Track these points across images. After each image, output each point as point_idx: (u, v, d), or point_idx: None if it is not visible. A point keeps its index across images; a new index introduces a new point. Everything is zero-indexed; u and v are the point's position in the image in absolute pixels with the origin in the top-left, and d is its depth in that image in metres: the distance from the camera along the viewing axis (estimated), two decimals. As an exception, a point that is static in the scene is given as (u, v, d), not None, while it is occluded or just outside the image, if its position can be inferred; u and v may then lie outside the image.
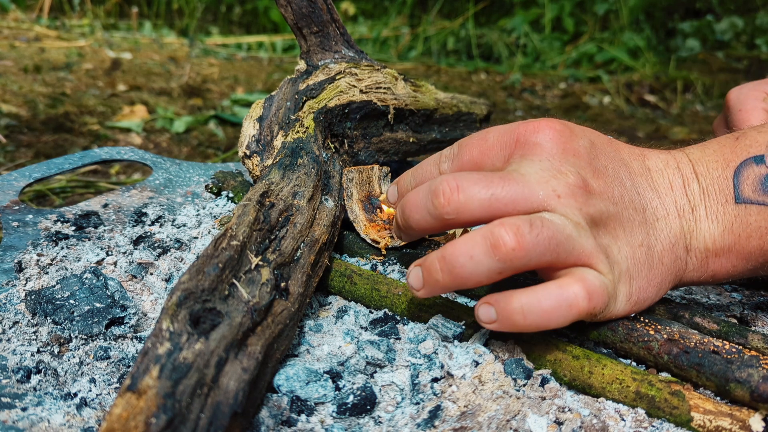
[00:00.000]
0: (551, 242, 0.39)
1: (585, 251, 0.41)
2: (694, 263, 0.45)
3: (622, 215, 0.43)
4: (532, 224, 0.39)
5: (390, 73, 0.68)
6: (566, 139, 0.43)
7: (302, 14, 0.67)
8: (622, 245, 0.43)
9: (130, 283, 0.54)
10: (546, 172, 0.42)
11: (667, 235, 0.44)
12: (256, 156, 0.60)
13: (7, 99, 1.76)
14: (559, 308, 0.40)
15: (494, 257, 0.39)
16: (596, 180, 0.43)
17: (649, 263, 0.43)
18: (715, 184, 0.45)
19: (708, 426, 0.38)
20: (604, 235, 0.42)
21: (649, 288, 0.44)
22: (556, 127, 0.44)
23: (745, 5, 2.99)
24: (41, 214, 0.63)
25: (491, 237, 0.39)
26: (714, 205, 0.45)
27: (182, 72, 2.30)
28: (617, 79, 2.48)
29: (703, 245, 0.45)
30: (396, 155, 0.69)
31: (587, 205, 0.42)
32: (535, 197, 0.41)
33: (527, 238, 0.39)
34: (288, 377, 0.41)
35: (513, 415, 0.39)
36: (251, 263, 0.42)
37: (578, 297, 0.40)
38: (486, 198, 0.41)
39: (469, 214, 0.41)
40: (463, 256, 0.40)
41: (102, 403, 0.41)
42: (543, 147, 0.43)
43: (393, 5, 3.30)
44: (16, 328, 0.47)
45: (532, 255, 0.39)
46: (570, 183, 0.42)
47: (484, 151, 0.46)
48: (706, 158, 0.46)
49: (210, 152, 1.64)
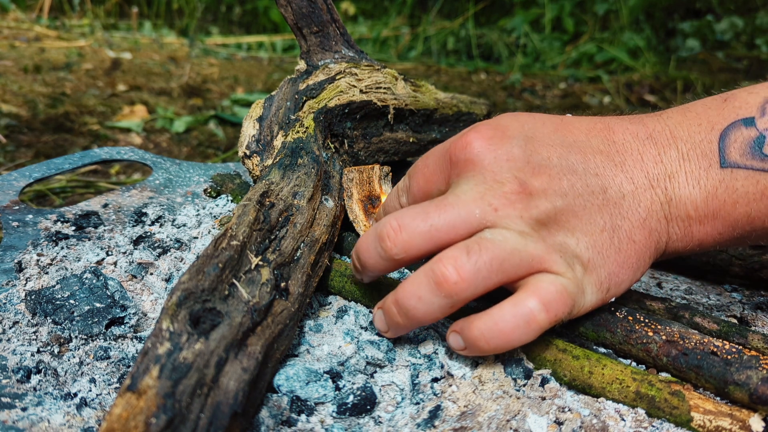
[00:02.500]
0: (493, 263, 0.39)
1: (535, 258, 0.40)
2: (677, 232, 0.43)
3: (574, 205, 0.41)
4: (470, 251, 0.39)
5: (390, 73, 0.68)
6: (496, 145, 0.42)
7: (302, 14, 0.67)
8: (579, 236, 0.41)
9: (130, 283, 0.54)
10: (480, 187, 0.41)
11: (636, 210, 0.42)
12: (256, 156, 0.60)
13: (7, 99, 1.76)
14: (517, 327, 0.39)
15: (440, 294, 0.39)
16: (537, 178, 0.41)
17: (616, 246, 0.42)
18: (697, 148, 0.43)
19: (708, 426, 0.38)
20: (556, 232, 0.41)
21: (623, 271, 0.42)
22: (485, 134, 0.42)
23: (745, 5, 2.99)
24: (41, 214, 0.63)
25: (432, 275, 0.39)
26: (696, 170, 0.43)
27: (182, 72, 2.30)
28: (617, 79, 2.48)
29: (684, 213, 0.43)
30: (396, 155, 0.69)
31: (529, 209, 0.40)
32: (473, 217, 0.40)
33: (467, 267, 0.38)
34: (288, 377, 0.41)
35: (513, 415, 0.39)
36: (251, 263, 0.42)
37: (534, 311, 0.39)
38: (426, 230, 0.41)
39: (416, 250, 0.41)
40: (412, 299, 0.40)
41: (102, 403, 0.41)
42: (474, 162, 0.42)
43: (393, 5, 3.30)
44: (16, 328, 0.47)
45: (477, 282, 0.39)
46: (506, 192, 0.40)
47: (428, 177, 0.45)
48: (687, 122, 0.44)
49: (210, 152, 1.65)
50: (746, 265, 0.58)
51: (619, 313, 0.45)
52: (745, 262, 0.58)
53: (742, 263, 0.58)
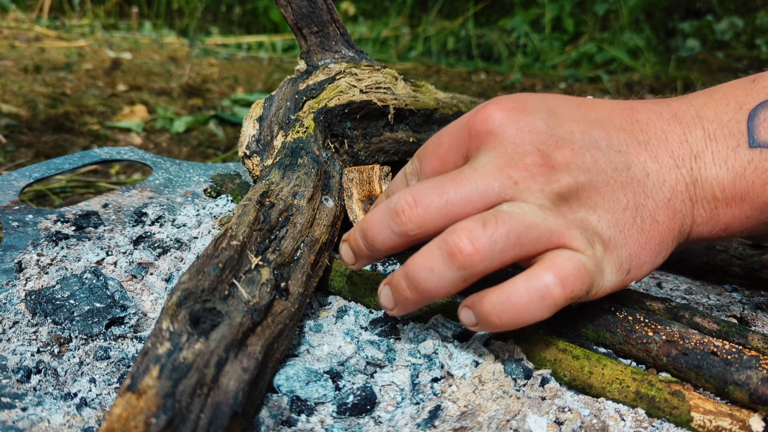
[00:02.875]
0: (510, 236, 0.37)
1: (554, 233, 0.38)
2: (702, 215, 0.42)
3: (597, 181, 0.40)
4: (486, 223, 0.37)
5: (390, 73, 0.68)
6: (518, 117, 0.40)
7: (302, 14, 0.67)
8: (601, 213, 0.40)
9: (130, 283, 0.54)
10: (501, 160, 0.39)
11: (660, 189, 0.41)
12: (256, 156, 0.60)
13: (7, 99, 1.76)
14: (531, 302, 0.37)
15: (453, 266, 0.37)
16: (560, 151, 0.40)
17: (638, 225, 0.40)
18: (724, 128, 0.41)
19: (708, 426, 0.38)
20: (577, 208, 0.39)
21: (644, 252, 0.41)
22: (506, 106, 0.41)
23: (745, 5, 2.99)
24: (41, 214, 0.63)
25: (446, 246, 0.37)
26: (723, 150, 0.41)
27: (182, 72, 2.30)
28: (617, 79, 2.48)
29: (710, 194, 0.41)
30: (396, 155, 0.69)
31: (550, 183, 0.39)
32: (491, 191, 0.39)
33: (482, 239, 0.37)
34: (288, 377, 0.41)
35: (513, 415, 0.39)
36: (251, 263, 0.42)
37: (549, 286, 0.37)
38: (442, 205, 0.39)
39: (431, 226, 0.39)
40: (424, 271, 0.38)
41: (102, 403, 0.41)
42: (495, 133, 0.40)
43: (393, 5, 3.30)
44: (16, 328, 0.47)
45: (493, 255, 0.37)
46: (528, 164, 0.39)
47: (443, 157, 0.44)
48: (714, 102, 0.43)
49: (210, 152, 1.65)
50: (746, 265, 0.58)
51: (619, 313, 0.45)
52: (745, 262, 0.58)
53: (742, 263, 0.58)
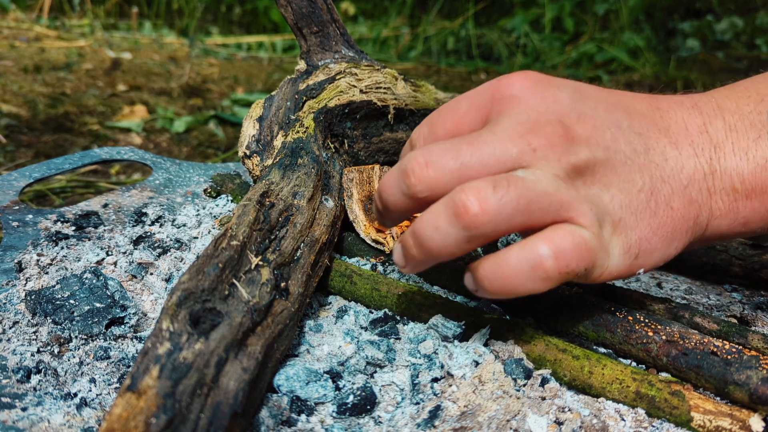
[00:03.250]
0: (520, 202, 0.36)
1: (564, 205, 0.37)
2: (720, 207, 0.41)
3: (614, 160, 0.39)
4: (497, 185, 0.36)
5: (390, 73, 0.68)
6: (544, 87, 0.40)
7: (302, 14, 0.67)
8: (615, 193, 0.39)
9: (130, 283, 0.54)
10: (522, 126, 0.38)
11: (678, 175, 0.40)
12: (256, 156, 0.60)
13: (7, 99, 1.76)
14: (521, 271, 0.36)
15: (458, 225, 0.36)
16: (581, 125, 0.39)
17: (652, 209, 0.39)
18: (745, 119, 0.41)
19: (708, 426, 0.38)
20: (591, 184, 0.39)
21: (655, 238, 0.40)
22: (532, 77, 0.41)
23: (745, 5, 2.99)
24: (41, 214, 0.63)
25: (452, 204, 0.36)
26: (744, 141, 0.41)
27: (182, 72, 2.31)
28: (617, 79, 2.48)
29: (729, 185, 0.41)
30: (396, 155, 0.69)
31: (568, 154, 0.38)
32: (508, 156, 0.37)
33: (491, 201, 0.35)
34: (288, 377, 0.41)
35: (513, 415, 0.39)
36: (251, 263, 0.42)
37: (542, 257, 0.36)
38: (456, 168, 0.38)
39: (442, 189, 0.38)
40: (429, 228, 0.37)
41: (102, 403, 0.41)
42: (519, 98, 0.40)
43: (393, 5, 3.30)
44: (16, 328, 0.47)
45: (500, 219, 0.36)
46: (548, 133, 0.38)
47: (458, 119, 0.42)
48: (735, 94, 0.42)
49: (210, 152, 1.65)
50: (746, 265, 0.58)
51: (619, 313, 0.45)
52: (745, 262, 0.58)
53: (742, 263, 0.58)
